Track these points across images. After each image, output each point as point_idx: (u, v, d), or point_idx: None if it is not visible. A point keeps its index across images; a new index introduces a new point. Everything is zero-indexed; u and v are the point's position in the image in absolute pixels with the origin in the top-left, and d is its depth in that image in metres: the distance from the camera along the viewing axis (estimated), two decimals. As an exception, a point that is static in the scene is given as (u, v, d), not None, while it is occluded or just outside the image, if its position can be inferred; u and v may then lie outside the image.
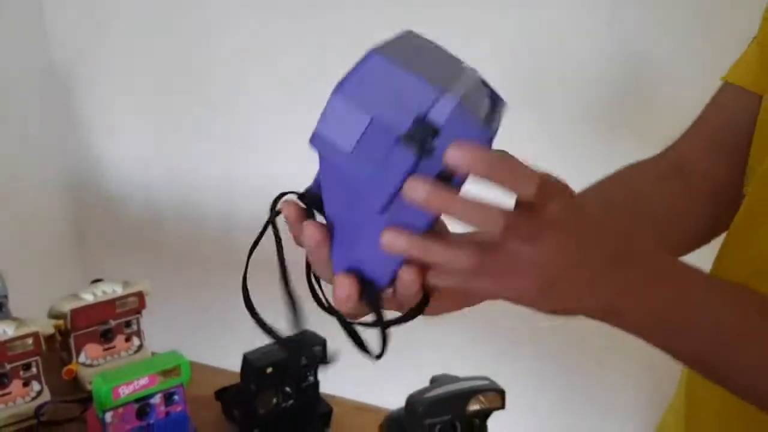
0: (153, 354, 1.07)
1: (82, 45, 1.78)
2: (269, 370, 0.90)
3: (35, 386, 0.97)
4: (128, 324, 1.06)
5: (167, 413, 0.89)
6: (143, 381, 0.85)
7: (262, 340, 0.93)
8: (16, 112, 1.71)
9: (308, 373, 0.95)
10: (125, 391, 0.84)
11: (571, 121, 1.38)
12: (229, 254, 1.77)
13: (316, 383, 0.96)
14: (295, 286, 0.49)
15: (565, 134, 1.37)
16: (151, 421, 0.88)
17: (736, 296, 0.55)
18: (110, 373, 0.86)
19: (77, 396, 1.00)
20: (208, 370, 1.07)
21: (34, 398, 0.96)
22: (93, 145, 1.85)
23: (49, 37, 1.77)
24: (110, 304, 1.03)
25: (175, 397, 0.89)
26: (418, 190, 0.39)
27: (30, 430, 0.95)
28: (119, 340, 1.05)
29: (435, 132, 0.38)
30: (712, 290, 0.54)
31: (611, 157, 0.78)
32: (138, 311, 1.06)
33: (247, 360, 0.91)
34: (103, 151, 1.84)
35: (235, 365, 1.03)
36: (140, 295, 1.05)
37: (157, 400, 0.88)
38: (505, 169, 0.40)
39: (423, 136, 0.38)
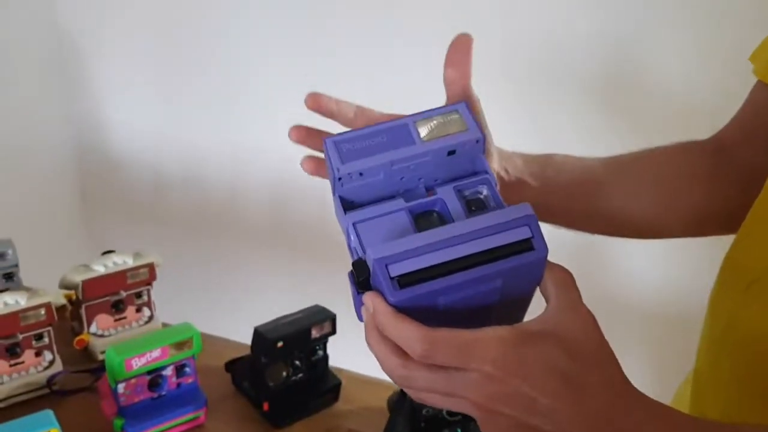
0: (163, 325, 1.08)
1: (91, 10, 1.76)
2: (280, 343, 0.91)
3: (47, 356, 0.98)
4: (139, 295, 1.07)
5: (178, 384, 0.90)
6: (156, 353, 0.86)
7: (270, 315, 0.94)
8: (24, 80, 1.71)
9: (318, 347, 0.96)
10: (138, 363, 0.85)
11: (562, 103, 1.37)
12: (237, 227, 1.77)
13: (326, 357, 0.97)
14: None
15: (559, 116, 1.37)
16: (163, 392, 0.89)
17: None
18: (123, 345, 0.86)
19: (88, 366, 1.01)
20: (217, 341, 1.07)
21: (46, 368, 0.97)
22: (101, 115, 1.85)
23: (58, 2, 1.76)
24: (121, 275, 1.03)
25: (187, 369, 0.90)
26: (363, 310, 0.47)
27: (42, 400, 0.96)
28: (130, 311, 1.06)
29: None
30: None
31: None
32: (149, 282, 1.06)
33: (259, 333, 0.92)
34: (112, 121, 1.84)
35: (241, 336, 1.03)
36: (151, 267, 1.06)
37: (168, 371, 0.89)
38: (391, 329, 0.44)
39: (360, 271, 0.46)
